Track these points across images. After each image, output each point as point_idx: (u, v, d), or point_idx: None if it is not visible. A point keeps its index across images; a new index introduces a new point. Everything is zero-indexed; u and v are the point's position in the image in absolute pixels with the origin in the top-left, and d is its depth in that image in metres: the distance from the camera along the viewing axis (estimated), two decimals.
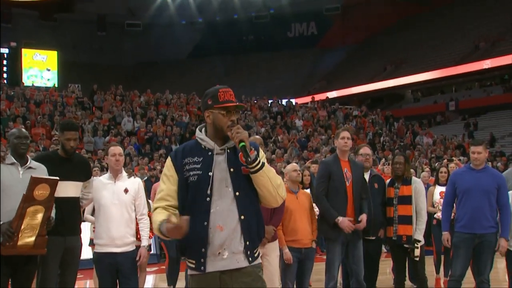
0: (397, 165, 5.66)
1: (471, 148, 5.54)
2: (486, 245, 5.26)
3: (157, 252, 9.90)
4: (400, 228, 5.50)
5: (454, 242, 5.42)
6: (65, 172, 4.55)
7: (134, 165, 14.18)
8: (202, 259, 2.83)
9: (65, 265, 4.55)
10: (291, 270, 5.29)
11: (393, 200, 5.60)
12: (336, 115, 24.66)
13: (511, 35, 33.58)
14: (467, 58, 33.99)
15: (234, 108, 2.94)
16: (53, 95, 20.27)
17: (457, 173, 5.74)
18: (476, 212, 5.26)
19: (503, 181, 5.39)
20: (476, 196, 5.27)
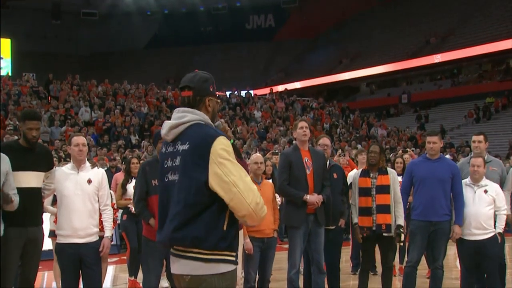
0: (372, 154, 5.62)
1: (427, 138, 5.76)
2: (440, 233, 5.45)
3: (117, 242, 9.82)
4: (379, 217, 5.45)
5: (410, 229, 5.65)
6: (27, 162, 4.49)
7: (93, 155, 14.11)
8: (237, 250, 2.73)
9: (27, 256, 4.47)
10: (254, 260, 5.32)
11: (370, 190, 5.54)
12: (294, 106, 25.07)
13: (460, 30, 34.85)
14: (419, 52, 35.07)
15: None
16: (6, 84, 19.80)
17: (413, 163, 5.97)
18: (431, 200, 5.44)
19: (457, 171, 5.63)
20: (432, 185, 5.46)
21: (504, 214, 5.39)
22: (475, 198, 5.39)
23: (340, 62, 40.77)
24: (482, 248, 5.34)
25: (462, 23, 35.39)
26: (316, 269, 5.39)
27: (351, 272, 7.82)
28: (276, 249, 5.66)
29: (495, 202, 5.37)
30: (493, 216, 5.39)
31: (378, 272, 7.11)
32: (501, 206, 5.38)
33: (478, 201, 5.37)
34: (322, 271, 5.41)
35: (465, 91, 31.11)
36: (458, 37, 34.08)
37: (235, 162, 2.61)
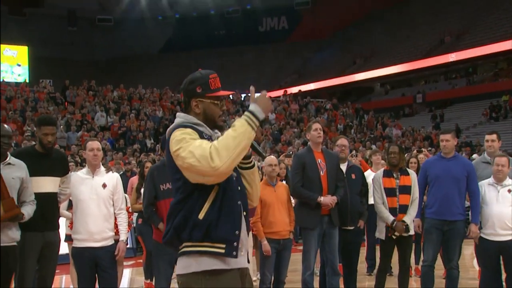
0: (392, 155, 5.57)
1: (440, 136, 5.75)
2: (455, 232, 5.46)
3: (133, 245, 9.89)
4: (399, 217, 5.43)
5: (425, 228, 5.62)
6: (43, 168, 4.54)
7: (109, 159, 14.27)
8: (235, 243, 2.47)
9: (44, 260, 4.52)
10: (270, 262, 5.32)
11: (395, 190, 5.49)
12: (308, 108, 25.06)
13: (475, 29, 34.55)
14: (433, 51, 34.84)
15: (226, 96, 2.74)
16: (24, 91, 20.12)
17: (428, 161, 5.94)
18: (446, 199, 5.41)
19: (472, 169, 5.60)
20: (446, 184, 5.44)
21: None
22: (499, 197, 5.33)
23: (354, 63, 40.67)
24: (506, 248, 5.28)
25: (477, 21, 35.08)
26: (331, 270, 5.39)
27: (366, 273, 7.79)
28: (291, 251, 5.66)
29: None
30: None
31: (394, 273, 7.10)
32: None
33: (502, 201, 5.30)
34: (337, 272, 5.41)
35: (480, 90, 30.85)
36: (473, 35, 33.79)
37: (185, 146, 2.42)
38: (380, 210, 5.51)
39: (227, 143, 2.32)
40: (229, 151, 2.32)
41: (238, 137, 2.34)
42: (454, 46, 33.78)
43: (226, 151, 2.32)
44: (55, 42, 43.25)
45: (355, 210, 5.60)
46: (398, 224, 5.41)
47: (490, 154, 5.80)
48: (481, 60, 32.84)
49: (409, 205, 5.49)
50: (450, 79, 35.97)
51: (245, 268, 2.62)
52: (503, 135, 25.24)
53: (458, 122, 27.23)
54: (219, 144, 2.34)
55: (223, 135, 2.39)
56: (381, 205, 5.51)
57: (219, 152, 2.32)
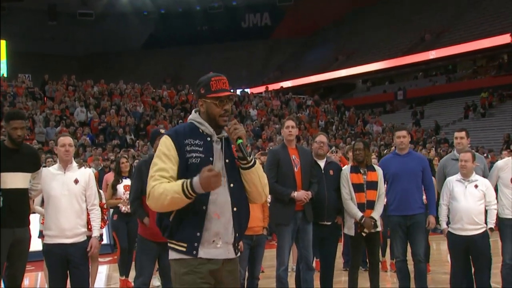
0: (357, 151, 5.61)
1: (396, 133, 5.93)
2: (417, 226, 5.62)
3: (110, 242, 9.75)
4: (367, 213, 5.47)
5: (390, 225, 5.78)
6: (13, 163, 4.46)
7: (88, 155, 14.19)
8: (196, 243, 2.78)
9: (14, 257, 4.44)
10: (243, 257, 5.26)
11: (363, 185, 5.52)
12: (290, 104, 25.14)
13: (455, 27, 34.95)
14: (414, 49, 35.18)
15: (226, 97, 2.88)
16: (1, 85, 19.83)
17: (384, 159, 6.08)
18: (405, 194, 5.58)
19: (426, 164, 5.84)
20: (404, 180, 5.62)
21: (495, 209, 5.45)
22: (466, 193, 5.44)
23: (336, 60, 40.88)
24: (474, 243, 5.40)
25: (457, 19, 35.51)
26: (305, 266, 5.42)
27: (343, 268, 7.88)
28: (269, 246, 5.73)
29: (485, 197, 5.42)
30: (484, 211, 5.44)
31: None
32: (491, 201, 5.44)
33: (469, 196, 5.42)
34: (311, 267, 5.45)
35: (460, 87, 31.22)
36: (453, 33, 34.18)
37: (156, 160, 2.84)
38: (348, 206, 5.54)
39: (159, 196, 2.72)
40: (157, 202, 2.75)
41: (169, 197, 2.70)
42: (434, 44, 34.14)
43: (156, 201, 2.75)
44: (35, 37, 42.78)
45: (332, 206, 5.59)
46: (366, 220, 5.47)
47: (459, 151, 5.93)
48: (460, 58, 33.24)
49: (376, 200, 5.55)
50: (430, 76, 36.35)
51: (224, 259, 2.85)
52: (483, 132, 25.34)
53: (438, 119, 27.52)
54: (155, 192, 2.74)
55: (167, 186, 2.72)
56: (349, 201, 5.54)
57: (151, 198, 2.77)
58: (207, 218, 2.79)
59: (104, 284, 7.76)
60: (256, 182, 2.89)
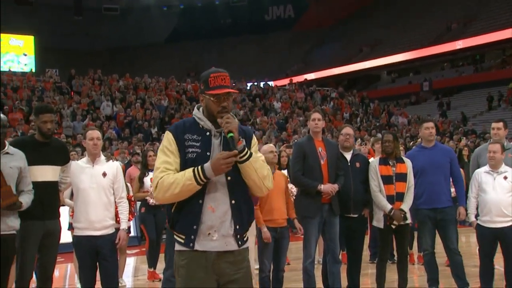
0: (386, 143, 5.56)
1: (423, 125, 5.83)
2: (448, 219, 5.58)
3: (137, 234, 9.90)
4: (397, 205, 5.43)
5: (418, 218, 5.71)
6: (43, 157, 4.55)
7: (114, 149, 14.37)
8: (192, 236, 2.86)
9: (45, 249, 4.53)
10: (268, 250, 5.34)
11: (392, 178, 5.48)
12: (314, 97, 25.03)
13: (482, 16, 34.24)
14: (440, 39, 34.60)
15: (224, 94, 2.90)
16: (30, 80, 20.23)
17: (410, 154, 6.00)
18: (433, 187, 5.55)
19: (454, 155, 5.79)
20: (432, 173, 5.57)
21: None
22: (495, 185, 5.37)
23: (361, 51, 40.48)
24: (503, 235, 5.33)
25: (484, 7, 34.75)
26: (332, 259, 5.40)
27: (369, 261, 7.85)
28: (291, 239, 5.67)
29: None
30: None
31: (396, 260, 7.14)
32: None
33: (498, 188, 5.35)
34: (338, 260, 5.43)
35: (487, 77, 30.61)
36: (480, 22, 33.50)
37: (160, 154, 2.94)
38: (377, 199, 5.50)
39: (168, 185, 2.81)
40: (167, 191, 2.82)
41: (179, 185, 2.79)
42: (461, 33, 33.52)
43: (165, 190, 2.82)
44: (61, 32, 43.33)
45: (358, 198, 5.57)
46: (396, 212, 5.42)
47: (495, 142, 5.85)
48: (488, 48, 32.57)
49: (405, 192, 5.50)
50: (457, 66, 35.74)
51: (222, 251, 2.88)
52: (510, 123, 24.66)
53: (465, 110, 27.12)
54: (164, 182, 2.82)
55: (177, 175, 2.81)
56: (378, 193, 5.50)
57: (159, 189, 2.84)
58: (203, 211, 2.86)
59: (132, 275, 7.86)
60: (253, 175, 2.89)
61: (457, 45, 32.84)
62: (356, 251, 5.76)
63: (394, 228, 5.50)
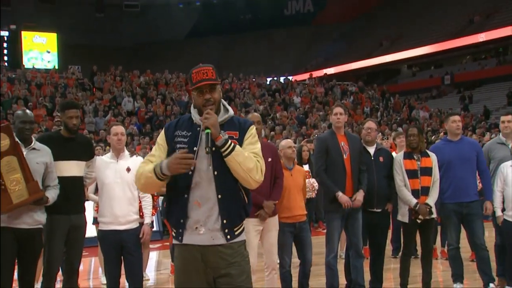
0: (411, 137, 5.52)
1: (450, 118, 5.76)
2: (474, 214, 5.52)
3: (159, 228, 10.05)
4: (422, 199, 5.39)
5: (443, 213, 5.66)
6: (68, 152, 4.62)
7: (136, 144, 14.52)
8: (181, 230, 2.94)
9: (71, 243, 4.60)
10: (288, 245, 5.33)
11: (417, 172, 5.44)
12: (334, 91, 24.92)
13: (506, 8, 33.62)
14: (462, 32, 34.08)
15: (206, 86, 2.96)
16: (53, 77, 20.52)
17: (436, 146, 5.94)
18: (460, 181, 5.50)
19: (480, 149, 5.72)
20: (459, 166, 5.51)
21: None
22: None
23: (381, 45, 40.13)
24: None
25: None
26: (355, 253, 5.41)
27: (392, 255, 7.81)
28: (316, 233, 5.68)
29: None
30: None
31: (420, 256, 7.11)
32: None
33: None
34: (361, 254, 5.41)
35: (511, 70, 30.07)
36: (503, 14, 32.85)
37: (153, 148, 3.16)
38: (402, 193, 5.46)
39: (138, 176, 3.02)
40: (137, 181, 3.06)
41: (142, 176, 2.97)
42: (484, 26, 32.96)
43: (136, 180, 3.07)
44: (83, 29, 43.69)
45: (382, 193, 5.55)
46: (421, 207, 5.38)
47: (505, 135, 5.83)
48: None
49: (430, 187, 5.45)
50: (480, 59, 35.20)
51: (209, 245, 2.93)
52: None
53: (487, 104, 26.71)
54: (138, 172, 3.03)
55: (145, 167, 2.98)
56: (403, 188, 5.47)
57: (135, 178, 3.08)
58: (189, 206, 2.92)
59: (154, 269, 7.94)
60: (237, 169, 2.89)
61: (480, 38, 32.27)
62: (379, 246, 5.73)
63: (419, 223, 5.45)
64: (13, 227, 4.21)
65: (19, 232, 4.23)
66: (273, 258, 5.22)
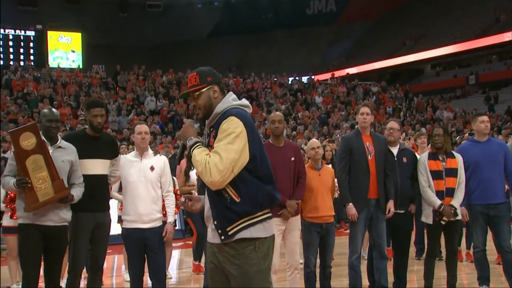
0: (436, 138, 5.47)
1: (478, 118, 5.66)
2: (501, 216, 5.44)
3: (182, 227, 10.11)
4: (447, 201, 5.35)
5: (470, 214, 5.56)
6: (93, 150, 4.66)
7: (158, 143, 14.61)
8: None
9: (96, 240, 4.64)
10: (313, 245, 5.31)
11: (442, 173, 5.38)
12: (356, 91, 24.75)
13: None
14: (487, 31, 33.53)
15: (189, 95, 3.13)
16: (78, 76, 20.79)
17: (463, 147, 5.84)
18: (488, 182, 5.41)
19: (508, 150, 5.60)
20: (487, 167, 5.42)
21: None
22: None
23: (404, 44, 39.71)
24: None
25: None
26: (378, 254, 5.37)
27: (415, 257, 7.76)
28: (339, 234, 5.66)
29: None
30: None
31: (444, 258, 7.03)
32: None
33: None
34: (384, 256, 5.37)
35: None
36: None
37: None
38: (426, 194, 5.41)
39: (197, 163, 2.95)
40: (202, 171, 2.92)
41: None
42: (511, 25, 32.38)
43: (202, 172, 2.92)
44: (107, 28, 44.16)
45: (405, 194, 5.50)
46: (446, 208, 5.31)
47: None
48: None
49: (456, 188, 5.38)
50: (506, 59, 34.58)
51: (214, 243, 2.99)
52: None
53: None
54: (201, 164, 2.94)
55: None
56: (427, 189, 5.41)
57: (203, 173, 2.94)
58: (206, 203, 3.04)
59: (177, 268, 8.00)
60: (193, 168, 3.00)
61: (506, 37, 31.69)
62: (403, 247, 5.68)
63: (444, 224, 5.39)
64: (39, 224, 4.28)
65: (45, 229, 4.29)
66: (296, 258, 5.23)
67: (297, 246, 5.30)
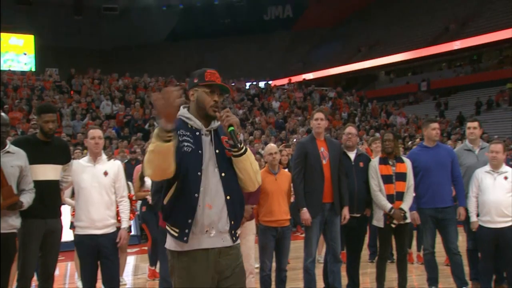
0: (387, 143, 5.58)
1: (430, 125, 5.81)
2: (449, 219, 5.61)
3: (137, 233, 10.01)
4: (396, 204, 5.46)
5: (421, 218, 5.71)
6: (44, 155, 4.57)
7: (114, 148, 14.38)
8: (187, 230, 2.83)
9: (46, 247, 4.54)
10: (269, 249, 5.35)
11: (392, 177, 5.50)
12: (312, 96, 25.07)
13: (480, 16, 34.30)
14: (438, 39, 34.64)
15: (218, 88, 2.94)
16: (30, 79, 20.24)
17: (413, 152, 6.02)
18: (436, 187, 5.57)
19: (455, 155, 5.80)
20: (436, 172, 5.59)
21: None
22: (495, 185, 5.43)
23: (359, 51, 40.54)
24: (503, 236, 5.38)
25: (482, 8, 34.79)
26: (333, 258, 5.44)
27: (368, 260, 7.90)
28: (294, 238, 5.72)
29: None
30: None
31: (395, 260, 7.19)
32: None
33: (498, 188, 5.40)
34: (338, 259, 5.45)
35: (485, 77, 30.67)
36: (478, 23, 33.54)
37: None
38: (378, 198, 5.53)
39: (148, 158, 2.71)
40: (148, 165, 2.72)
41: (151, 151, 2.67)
42: (459, 34, 33.57)
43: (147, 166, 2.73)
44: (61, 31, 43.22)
45: (362, 198, 5.61)
46: (396, 212, 5.45)
47: (471, 142, 5.98)
48: (486, 48, 32.62)
49: (405, 192, 5.53)
50: (455, 67, 35.82)
51: (220, 247, 2.90)
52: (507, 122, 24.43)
53: (462, 110, 27.14)
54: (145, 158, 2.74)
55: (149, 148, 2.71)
56: (378, 193, 5.53)
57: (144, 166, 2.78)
58: (199, 207, 2.84)
59: (132, 274, 7.88)
60: (249, 169, 2.93)
61: (455, 46, 32.89)
62: (356, 250, 5.80)
63: (394, 227, 5.53)
64: None
65: None
66: (251, 262, 5.28)
67: (252, 250, 5.34)
